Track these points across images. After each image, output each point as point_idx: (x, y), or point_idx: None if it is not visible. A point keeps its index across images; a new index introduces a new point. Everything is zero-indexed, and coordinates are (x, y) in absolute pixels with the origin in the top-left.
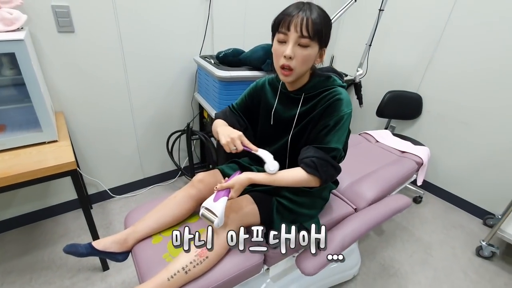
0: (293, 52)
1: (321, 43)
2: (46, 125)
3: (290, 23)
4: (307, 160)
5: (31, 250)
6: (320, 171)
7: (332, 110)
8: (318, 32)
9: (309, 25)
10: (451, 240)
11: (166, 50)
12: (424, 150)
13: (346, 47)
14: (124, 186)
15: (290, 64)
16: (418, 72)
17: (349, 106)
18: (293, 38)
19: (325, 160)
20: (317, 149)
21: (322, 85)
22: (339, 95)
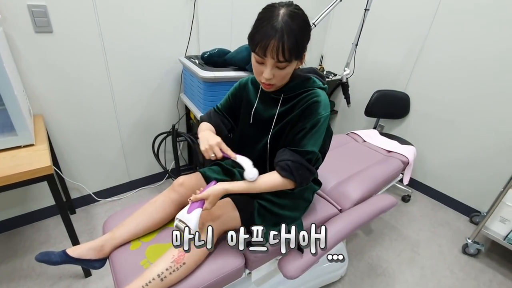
0: (271, 75)
1: (300, 56)
2: (21, 129)
3: (266, 50)
4: (282, 163)
5: (9, 258)
6: (295, 175)
7: (309, 113)
8: (295, 52)
9: (285, 51)
10: (438, 238)
11: (150, 50)
12: (410, 150)
13: (334, 46)
14: (109, 189)
15: (270, 82)
16: (405, 71)
17: (326, 109)
18: (270, 63)
19: (300, 164)
20: (293, 152)
21: (301, 86)
22: (317, 97)
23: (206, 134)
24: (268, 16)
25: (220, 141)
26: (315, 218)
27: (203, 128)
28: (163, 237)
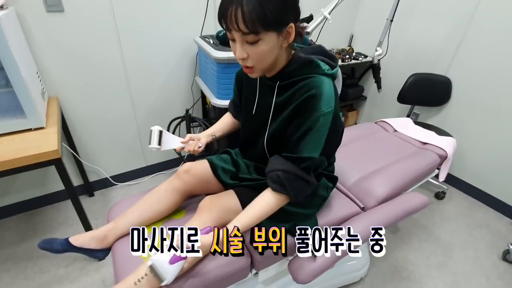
0: (243, 53)
1: (276, 28)
2: (30, 111)
3: (226, 20)
4: (273, 175)
5: (30, 237)
6: (287, 188)
7: (306, 109)
8: (261, 20)
9: (245, 19)
10: (474, 241)
11: (165, 31)
12: (449, 142)
13: (367, 24)
14: (126, 173)
15: (246, 64)
16: (448, 51)
17: (329, 103)
18: (238, 37)
19: (294, 174)
20: (285, 160)
21: (299, 72)
22: (316, 89)
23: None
24: None
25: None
26: (334, 216)
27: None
28: None
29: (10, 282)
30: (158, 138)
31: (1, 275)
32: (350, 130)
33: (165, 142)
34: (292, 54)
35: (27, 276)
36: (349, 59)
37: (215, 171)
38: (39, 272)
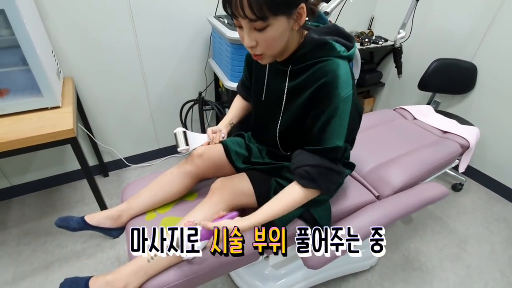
0: (251, 41)
1: (285, 11)
2: (46, 90)
3: (231, 7)
4: (301, 171)
5: (49, 213)
6: (319, 181)
7: (324, 97)
8: (269, 5)
9: (251, 4)
10: (491, 235)
11: (179, 10)
12: (472, 131)
13: (388, 6)
14: (139, 155)
15: (255, 52)
16: (476, 36)
17: (347, 87)
18: (245, 24)
19: (323, 167)
20: (311, 154)
21: (313, 55)
22: (332, 73)
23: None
24: None
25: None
26: (347, 204)
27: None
28: (178, 210)
29: (30, 255)
30: (185, 139)
31: (22, 248)
32: (366, 117)
33: (192, 141)
34: (304, 36)
35: (46, 250)
36: (368, 43)
37: (228, 155)
38: (57, 247)
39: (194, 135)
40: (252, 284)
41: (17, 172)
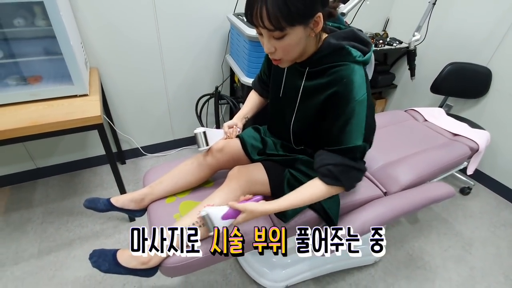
0: (270, 47)
1: (302, 21)
2: (76, 79)
3: (252, 17)
4: (323, 170)
5: (70, 195)
6: (342, 179)
7: (340, 101)
8: (286, 17)
9: (270, 16)
10: (497, 239)
11: (199, 8)
12: (482, 135)
13: (405, 7)
14: (155, 145)
15: (274, 57)
16: (493, 40)
17: (362, 89)
18: (264, 33)
19: (345, 165)
20: (333, 154)
21: (330, 59)
22: (347, 79)
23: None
24: None
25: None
26: (356, 197)
27: (247, 100)
28: (196, 195)
29: (54, 232)
30: (205, 139)
31: (46, 225)
32: (378, 117)
33: (211, 139)
34: (323, 40)
35: (69, 228)
36: (383, 44)
37: (245, 148)
38: (78, 226)
39: (213, 132)
40: (260, 271)
41: (42, 155)
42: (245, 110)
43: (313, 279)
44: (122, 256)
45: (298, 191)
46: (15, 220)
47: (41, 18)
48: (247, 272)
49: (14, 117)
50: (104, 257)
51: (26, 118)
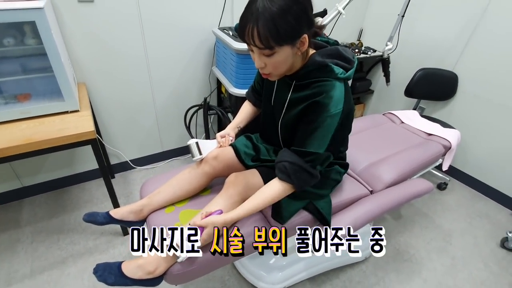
0: (260, 63)
1: (289, 41)
2: (68, 95)
3: (244, 36)
4: (280, 165)
5: (59, 213)
6: (292, 178)
7: (316, 109)
8: (275, 38)
9: (261, 37)
10: (474, 229)
11: (185, 22)
12: (453, 133)
13: (377, 19)
14: (144, 158)
15: (264, 71)
16: (457, 47)
17: (338, 106)
18: (255, 50)
19: (299, 166)
20: (292, 153)
21: (314, 75)
22: (327, 93)
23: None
24: (247, 5)
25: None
26: (345, 197)
27: (240, 110)
28: (195, 204)
29: (45, 251)
30: (198, 149)
31: (37, 245)
32: (359, 121)
33: (204, 149)
34: (309, 56)
35: (60, 246)
36: (358, 53)
37: (239, 156)
38: (70, 244)
39: (205, 143)
40: (257, 275)
41: (29, 173)
42: (238, 119)
43: (309, 279)
44: (127, 268)
45: (255, 196)
46: (4, 241)
47: (31, 37)
48: (244, 276)
49: (6, 136)
50: (109, 270)
51: (19, 136)
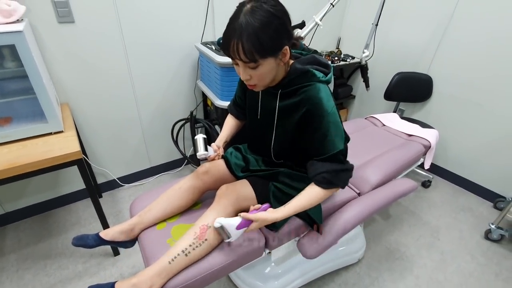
0: (246, 76)
1: (272, 53)
2: (51, 116)
3: (229, 51)
4: (318, 178)
5: (45, 237)
6: (336, 182)
7: (315, 116)
8: (259, 51)
9: (246, 51)
10: (459, 223)
11: (167, 38)
12: (432, 133)
13: (353, 27)
14: (132, 175)
15: (250, 83)
16: (429, 51)
17: (330, 103)
18: (241, 64)
19: (335, 170)
20: (323, 162)
21: (298, 81)
22: (315, 96)
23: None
24: (234, 15)
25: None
26: (334, 201)
27: (224, 124)
28: (186, 218)
29: (32, 278)
30: (204, 145)
31: (23, 272)
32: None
33: (209, 148)
34: (290, 65)
35: (48, 272)
36: (338, 61)
37: (229, 167)
38: (58, 269)
39: (209, 148)
40: (253, 285)
41: (11, 199)
42: (223, 134)
43: (305, 285)
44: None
45: (298, 198)
46: None
47: (10, 60)
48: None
49: None
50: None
51: (1, 161)
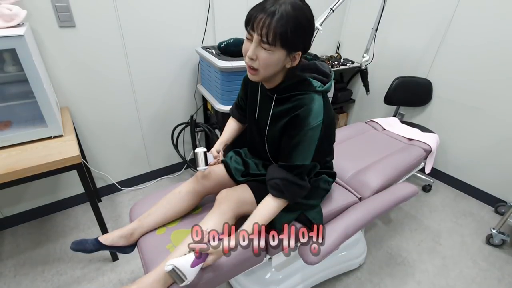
0: (255, 53)
1: (288, 49)
2: (50, 121)
3: (254, 22)
4: (271, 183)
5: (43, 242)
6: (285, 192)
7: (298, 123)
8: (281, 38)
9: (270, 31)
10: (460, 228)
11: (168, 42)
12: (432, 137)
13: (353, 32)
14: (131, 179)
15: (253, 65)
16: (428, 56)
17: (317, 118)
18: (256, 40)
19: (289, 181)
20: (281, 169)
21: (294, 88)
22: (306, 106)
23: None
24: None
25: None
26: (335, 206)
27: (225, 127)
28: (186, 223)
29: (30, 284)
30: (205, 159)
31: (20, 278)
32: (343, 130)
33: (209, 160)
34: (287, 73)
35: (45, 278)
36: (338, 65)
37: (229, 171)
38: (56, 274)
39: (209, 155)
40: None
41: (9, 203)
42: (224, 137)
43: None
44: None
45: (255, 214)
46: None
47: (11, 64)
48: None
49: None
50: None
51: (1, 165)
